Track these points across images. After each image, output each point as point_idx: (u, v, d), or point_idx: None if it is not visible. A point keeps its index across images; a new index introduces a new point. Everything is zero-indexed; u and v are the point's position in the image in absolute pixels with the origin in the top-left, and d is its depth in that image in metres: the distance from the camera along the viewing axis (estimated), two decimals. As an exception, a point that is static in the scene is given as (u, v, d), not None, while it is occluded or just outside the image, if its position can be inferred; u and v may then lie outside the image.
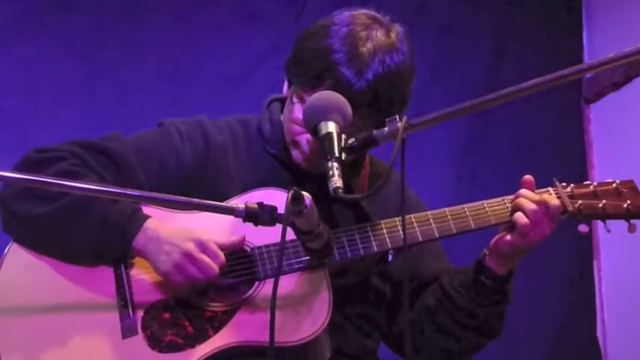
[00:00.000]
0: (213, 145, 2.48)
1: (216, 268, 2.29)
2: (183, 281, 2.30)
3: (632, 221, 2.49)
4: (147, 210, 2.37)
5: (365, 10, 2.46)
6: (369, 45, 2.37)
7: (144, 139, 2.49)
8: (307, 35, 2.44)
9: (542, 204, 2.38)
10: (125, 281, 2.35)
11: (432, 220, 2.42)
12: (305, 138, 2.41)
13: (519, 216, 2.39)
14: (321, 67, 2.37)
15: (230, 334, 2.32)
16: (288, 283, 2.34)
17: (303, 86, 2.40)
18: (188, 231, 2.31)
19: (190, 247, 2.28)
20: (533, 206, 2.38)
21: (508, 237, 2.41)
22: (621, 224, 2.50)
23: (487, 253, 2.44)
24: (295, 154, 2.47)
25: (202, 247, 2.29)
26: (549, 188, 2.49)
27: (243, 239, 2.35)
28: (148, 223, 2.32)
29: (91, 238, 2.32)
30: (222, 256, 2.30)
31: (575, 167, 4.34)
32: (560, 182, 2.51)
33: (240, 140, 2.53)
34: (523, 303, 4.15)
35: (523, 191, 2.41)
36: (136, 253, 2.33)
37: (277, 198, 2.10)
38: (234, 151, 2.50)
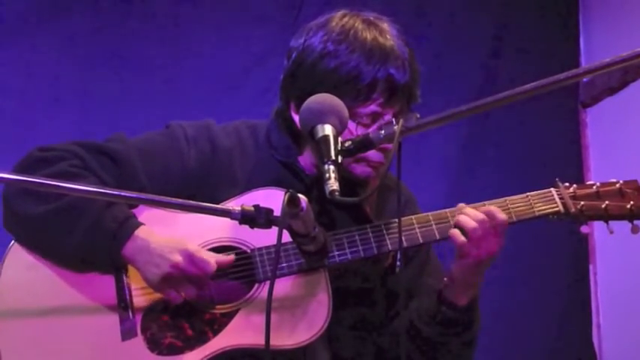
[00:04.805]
0: (219, 150, 2.46)
1: (205, 279, 2.28)
2: (174, 294, 2.29)
3: (636, 222, 2.46)
4: (148, 211, 2.37)
5: (340, 12, 2.46)
6: (387, 38, 2.39)
7: (149, 141, 2.48)
8: (320, 57, 2.39)
9: (486, 221, 2.34)
10: (125, 283, 2.35)
11: (432, 222, 2.42)
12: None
13: (455, 234, 2.36)
14: (367, 78, 2.35)
15: (229, 336, 2.31)
16: (287, 286, 2.34)
17: (352, 102, 2.33)
18: (177, 242, 2.29)
19: (179, 259, 2.26)
20: (472, 224, 2.34)
21: (456, 261, 2.39)
22: (619, 227, 2.48)
23: (446, 282, 2.42)
24: (361, 169, 2.41)
25: (191, 258, 2.27)
26: (551, 189, 2.48)
27: (232, 260, 2.32)
28: (139, 232, 2.30)
29: (81, 243, 2.30)
30: (212, 264, 2.27)
31: (572, 171, 4.33)
32: (563, 183, 2.49)
33: (248, 146, 2.50)
34: (519, 307, 4.20)
35: (464, 208, 2.38)
36: (126, 261, 2.32)
37: (278, 198, 2.08)
38: (241, 156, 2.48)
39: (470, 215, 2.36)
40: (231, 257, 2.32)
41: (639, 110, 4.08)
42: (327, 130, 2.12)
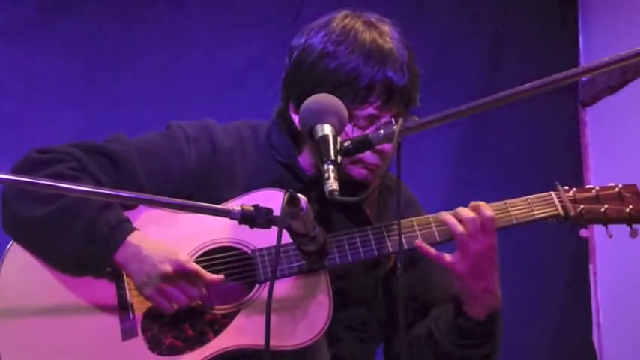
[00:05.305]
0: (219, 150, 2.45)
1: (197, 288, 2.28)
2: (165, 304, 2.29)
3: (634, 226, 2.46)
4: (147, 211, 2.36)
5: (342, 12, 2.45)
6: (387, 40, 2.39)
7: (149, 141, 2.47)
8: (320, 57, 2.38)
9: (476, 219, 2.33)
10: (126, 283, 2.34)
11: (433, 224, 2.41)
12: (367, 152, 2.31)
13: (439, 257, 2.36)
14: (365, 80, 2.34)
15: (230, 337, 2.31)
16: (287, 287, 2.33)
17: (350, 104, 2.31)
18: (169, 251, 2.28)
19: (169, 270, 2.25)
20: (460, 229, 2.33)
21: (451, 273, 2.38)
22: (619, 227, 2.49)
23: (457, 295, 2.42)
24: (357, 171, 2.41)
25: (182, 268, 2.26)
26: (551, 193, 2.48)
27: (221, 279, 2.31)
28: (131, 238, 2.29)
29: (76, 247, 2.30)
30: (203, 275, 2.28)
31: (571, 170, 4.34)
32: (562, 186, 2.49)
33: (248, 146, 2.49)
34: (519, 306, 4.19)
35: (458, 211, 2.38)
36: (119, 266, 2.31)
37: (277, 199, 2.07)
38: (241, 157, 2.47)
39: (457, 216, 2.35)
40: (220, 276, 2.31)
41: (638, 109, 4.09)
42: (327, 130, 2.12)
